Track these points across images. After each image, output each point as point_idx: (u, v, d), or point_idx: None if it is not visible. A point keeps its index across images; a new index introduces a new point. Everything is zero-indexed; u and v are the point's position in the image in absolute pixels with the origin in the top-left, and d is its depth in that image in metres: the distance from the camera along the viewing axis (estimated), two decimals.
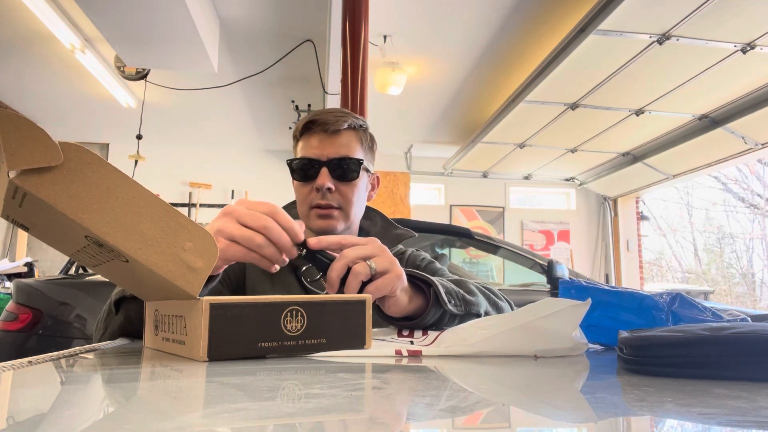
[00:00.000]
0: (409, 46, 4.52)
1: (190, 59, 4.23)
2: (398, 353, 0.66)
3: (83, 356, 0.66)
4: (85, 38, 4.53)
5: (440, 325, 0.88)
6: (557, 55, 4.00)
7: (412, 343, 0.74)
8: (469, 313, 0.90)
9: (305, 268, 1.07)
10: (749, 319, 0.75)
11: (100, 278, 2.77)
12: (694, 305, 0.75)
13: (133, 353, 0.71)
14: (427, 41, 4.49)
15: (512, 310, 1.00)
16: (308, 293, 1.09)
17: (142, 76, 4.96)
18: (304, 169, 1.11)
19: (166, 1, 3.47)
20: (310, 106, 5.67)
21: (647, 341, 0.53)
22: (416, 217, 6.70)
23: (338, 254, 0.80)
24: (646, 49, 3.85)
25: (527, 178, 7.50)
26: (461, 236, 3.64)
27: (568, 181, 7.60)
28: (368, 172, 1.17)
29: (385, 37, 4.38)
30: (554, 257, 5.50)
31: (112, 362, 0.63)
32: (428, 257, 1.24)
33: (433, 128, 6.54)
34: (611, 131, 5.51)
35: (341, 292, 0.78)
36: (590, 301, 0.64)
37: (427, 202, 7.63)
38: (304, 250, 0.79)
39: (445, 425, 0.35)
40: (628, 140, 5.81)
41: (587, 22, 3.57)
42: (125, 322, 0.88)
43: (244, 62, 4.93)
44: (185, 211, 6.96)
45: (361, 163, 1.12)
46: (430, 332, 0.81)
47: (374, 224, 1.26)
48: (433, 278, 0.89)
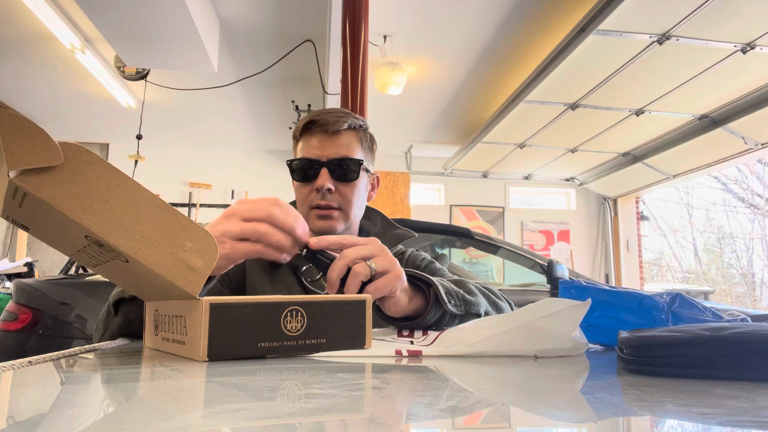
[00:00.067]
0: (409, 46, 4.52)
1: (190, 59, 4.23)
2: (398, 353, 0.66)
3: (83, 356, 0.66)
4: (85, 38, 4.53)
5: (440, 325, 0.88)
6: (557, 55, 4.00)
7: (412, 343, 0.74)
8: (469, 313, 0.90)
9: (305, 268, 1.07)
10: (749, 319, 0.75)
11: (100, 278, 2.77)
12: (694, 305, 0.75)
13: (133, 353, 0.71)
14: (427, 41, 4.49)
15: (512, 310, 1.00)
16: (308, 293, 1.09)
17: (142, 76, 4.96)
18: (304, 169, 1.11)
19: (166, 1, 3.47)
20: (310, 106, 5.66)
21: (647, 341, 0.53)
22: (416, 217, 6.69)
23: (338, 254, 0.80)
24: (646, 49, 3.85)
25: (527, 178, 7.50)
26: (461, 236, 3.64)
27: (568, 181, 7.60)
28: (368, 172, 1.17)
29: (385, 37, 4.38)
30: (554, 257, 5.49)
31: (112, 362, 0.63)
32: (428, 257, 1.24)
33: (433, 128, 6.54)
34: (611, 131, 5.51)
35: (341, 292, 0.78)
36: (590, 301, 0.64)
37: (427, 202, 7.63)
38: (304, 249, 0.79)
39: (445, 425, 0.35)
40: (628, 140, 5.81)
41: (587, 22, 3.57)
42: (124, 323, 0.88)
43: (244, 62, 4.93)
44: (185, 211, 6.96)
45: (361, 163, 1.12)
46: (430, 332, 0.81)
47: (374, 224, 1.26)
48: (433, 278, 0.89)
